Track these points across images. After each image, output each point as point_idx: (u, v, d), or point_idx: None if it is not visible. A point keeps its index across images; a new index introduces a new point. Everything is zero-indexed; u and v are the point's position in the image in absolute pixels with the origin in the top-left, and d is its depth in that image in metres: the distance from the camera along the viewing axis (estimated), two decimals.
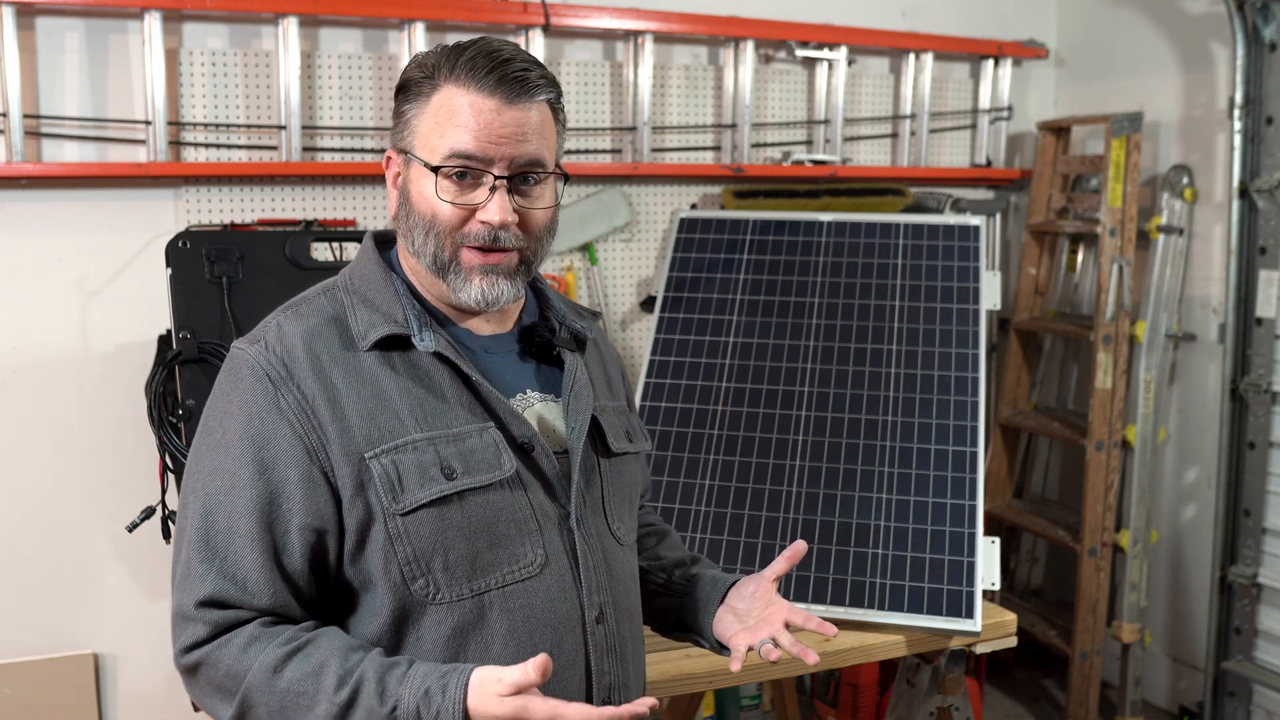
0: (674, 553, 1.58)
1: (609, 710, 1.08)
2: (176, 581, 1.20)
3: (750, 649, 1.36)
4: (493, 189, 1.22)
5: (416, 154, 1.25)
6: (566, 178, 1.32)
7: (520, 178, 1.24)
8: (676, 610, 1.51)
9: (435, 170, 1.22)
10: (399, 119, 1.28)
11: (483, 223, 1.23)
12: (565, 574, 1.27)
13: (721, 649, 1.45)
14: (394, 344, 1.25)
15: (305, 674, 1.12)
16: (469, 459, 1.22)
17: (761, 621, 1.39)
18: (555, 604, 1.25)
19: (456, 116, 1.22)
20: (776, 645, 1.35)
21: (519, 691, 1.07)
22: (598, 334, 1.48)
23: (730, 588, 1.46)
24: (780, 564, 1.42)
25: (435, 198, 1.23)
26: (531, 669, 1.06)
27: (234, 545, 1.16)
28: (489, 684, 1.08)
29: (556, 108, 1.28)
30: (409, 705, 1.09)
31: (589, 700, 1.28)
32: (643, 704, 1.11)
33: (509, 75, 1.22)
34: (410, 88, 1.26)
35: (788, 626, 1.37)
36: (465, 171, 1.22)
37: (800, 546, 1.41)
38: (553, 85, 1.26)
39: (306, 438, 1.19)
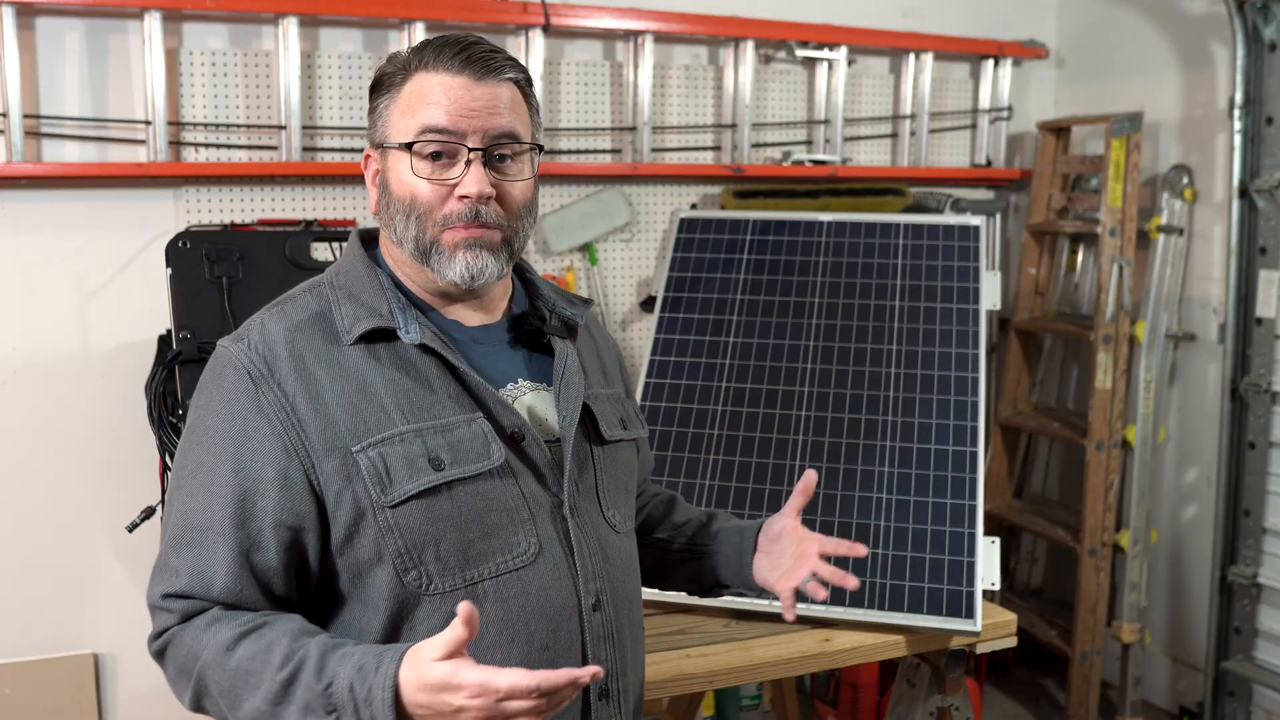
0: (689, 514, 1.61)
1: (546, 674, 1.01)
2: (152, 573, 1.22)
3: (796, 590, 1.42)
4: (468, 163, 1.24)
5: (390, 141, 1.26)
6: (541, 149, 1.33)
7: (497, 156, 1.26)
8: (711, 569, 1.54)
9: (409, 147, 1.23)
10: (373, 115, 1.30)
11: (462, 198, 1.23)
12: (560, 562, 1.26)
13: (764, 594, 1.49)
14: (379, 337, 1.25)
15: (255, 653, 1.12)
16: (457, 449, 1.22)
17: (799, 560, 1.44)
18: (550, 592, 1.25)
19: (427, 96, 1.24)
20: (816, 579, 1.41)
21: (453, 654, 1.02)
22: (590, 321, 1.49)
23: (758, 534, 1.50)
24: (797, 499, 1.46)
25: (412, 178, 1.24)
26: (460, 624, 1.02)
27: (206, 541, 1.17)
28: (423, 650, 1.04)
29: (526, 90, 1.31)
30: (344, 681, 1.07)
31: (586, 689, 1.27)
32: (586, 672, 1.03)
33: (475, 55, 1.25)
34: (383, 83, 1.29)
35: (823, 558, 1.43)
36: (440, 151, 1.24)
37: (811, 477, 1.45)
38: (519, 68, 1.29)
39: (286, 435, 1.19)
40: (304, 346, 1.23)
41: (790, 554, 1.45)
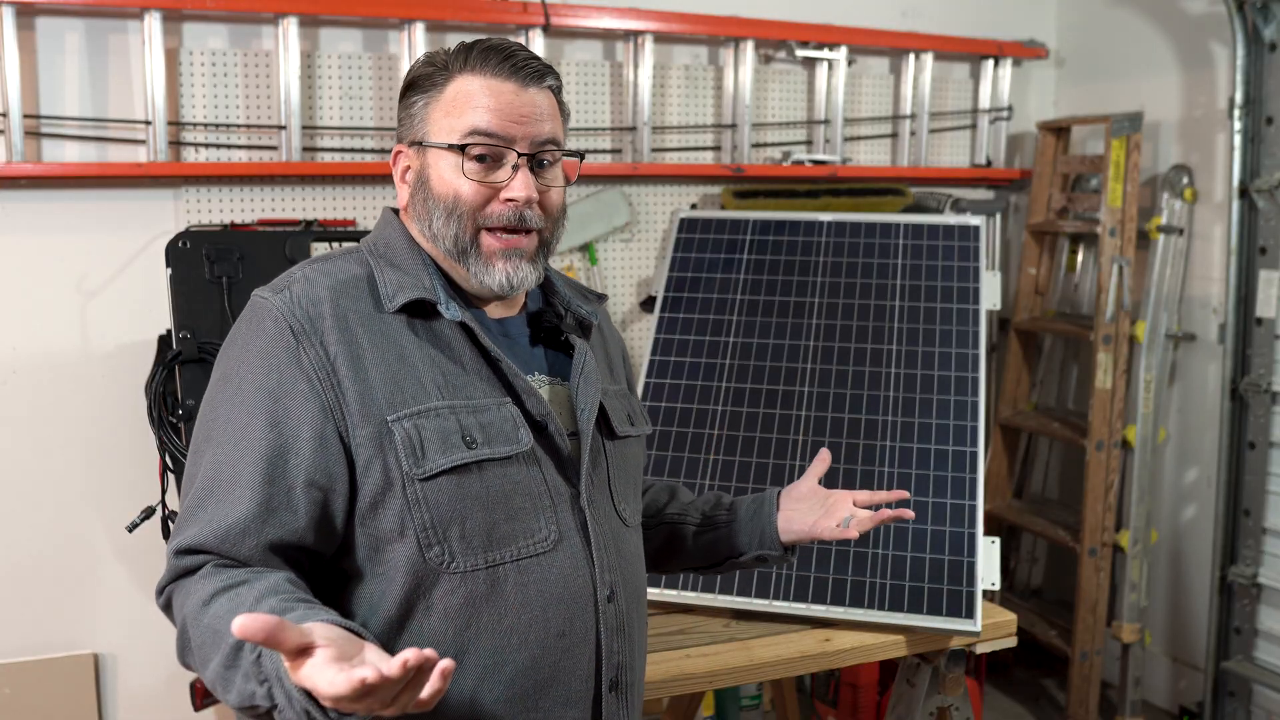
0: (693, 496, 1.66)
1: (361, 675, 0.91)
2: (174, 526, 1.21)
3: (839, 526, 1.50)
4: (515, 167, 1.26)
5: (432, 140, 1.27)
6: (582, 156, 1.38)
7: (537, 161, 1.28)
8: (727, 538, 1.58)
9: (461, 149, 1.25)
10: (408, 113, 1.31)
11: (508, 201, 1.26)
12: (578, 551, 1.28)
13: (787, 553, 1.57)
14: (418, 310, 1.26)
15: (226, 611, 1.07)
16: (488, 430, 1.23)
17: (831, 508, 1.54)
18: (569, 580, 1.26)
19: (474, 99, 1.26)
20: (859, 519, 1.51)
21: (299, 655, 0.95)
22: (601, 317, 1.51)
23: (779, 496, 1.58)
24: (819, 465, 1.58)
25: (458, 177, 1.26)
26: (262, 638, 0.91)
27: (233, 495, 1.16)
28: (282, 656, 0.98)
29: (559, 98, 1.33)
30: (268, 652, 1.02)
31: (598, 679, 1.29)
32: (396, 661, 0.93)
33: (519, 62, 1.27)
34: (421, 82, 1.30)
35: (856, 505, 1.54)
36: (485, 154, 1.26)
37: (826, 453, 1.58)
38: (555, 75, 1.32)
39: (324, 395, 1.19)
40: (348, 306, 1.24)
41: (818, 509, 1.54)
